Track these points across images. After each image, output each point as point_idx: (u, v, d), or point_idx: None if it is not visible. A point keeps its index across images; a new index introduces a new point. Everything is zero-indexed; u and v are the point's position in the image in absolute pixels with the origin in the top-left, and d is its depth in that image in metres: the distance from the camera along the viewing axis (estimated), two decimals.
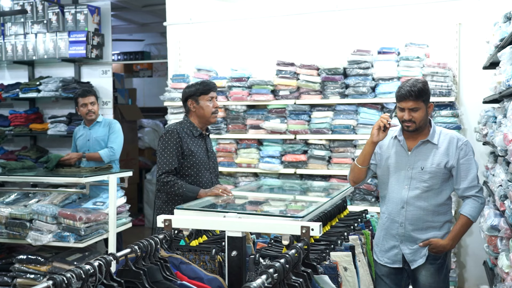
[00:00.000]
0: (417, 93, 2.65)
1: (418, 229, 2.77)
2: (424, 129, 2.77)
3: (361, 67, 4.69)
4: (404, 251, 2.80)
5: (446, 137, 2.77)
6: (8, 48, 6.25)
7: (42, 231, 3.78)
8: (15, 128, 6.31)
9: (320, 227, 1.77)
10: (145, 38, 10.19)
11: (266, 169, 4.96)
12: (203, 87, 3.34)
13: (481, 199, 2.78)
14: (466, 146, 2.76)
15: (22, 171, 4.26)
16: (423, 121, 2.72)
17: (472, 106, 4.69)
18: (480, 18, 4.58)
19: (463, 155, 2.74)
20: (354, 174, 2.90)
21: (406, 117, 2.70)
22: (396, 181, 2.81)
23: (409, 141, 2.80)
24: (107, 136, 4.64)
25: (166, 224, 1.94)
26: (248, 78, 5.09)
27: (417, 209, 2.76)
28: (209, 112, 3.34)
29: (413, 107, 2.68)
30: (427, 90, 2.72)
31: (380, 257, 2.89)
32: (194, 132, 3.33)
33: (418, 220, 2.76)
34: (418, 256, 2.78)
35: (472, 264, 4.73)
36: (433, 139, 2.75)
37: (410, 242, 2.79)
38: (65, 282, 1.38)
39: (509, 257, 2.76)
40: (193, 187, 3.20)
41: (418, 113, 2.69)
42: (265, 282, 1.44)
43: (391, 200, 2.83)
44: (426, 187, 2.74)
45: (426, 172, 2.73)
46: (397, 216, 2.80)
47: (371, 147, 2.79)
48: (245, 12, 5.41)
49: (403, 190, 2.78)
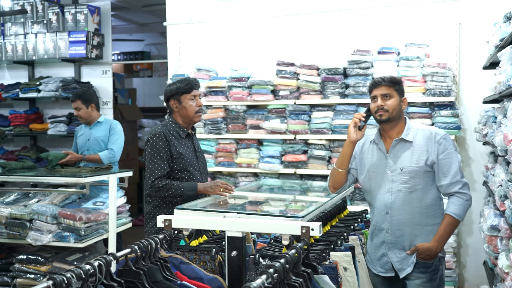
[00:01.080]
0: (389, 80, 2.63)
1: (405, 234, 2.64)
2: (397, 124, 2.68)
3: (361, 67, 4.69)
4: (392, 259, 2.68)
5: (424, 133, 2.66)
6: (8, 48, 6.25)
7: (42, 231, 3.78)
8: (15, 128, 6.31)
9: (320, 227, 1.77)
10: (145, 38, 10.19)
11: (266, 169, 4.96)
12: (185, 86, 3.19)
13: (465, 195, 2.62)
14: (445, 140, 2.64)
15: (22, 171, 4.26)
16: (395, 111, 2.63)
17: (472, 106, 4.69)
18: (480, 18, 4.58)
19: (442, 149, 2.62)
20: (334, 179, 2.81)
21: (379, 103, 2.62)
22: (378, 187, 2.71)
23: (386, 143, 2.71)
24: (107, 136, 4.64)
25: (166, 224, 1.94)
26: (248, 78, 5.09)
27: (402, 214, 2.63)
28: (192, 112, 3.20)
29: (385, 93, 2.62)
30: (400, 83, 2.69)
31: (373, 266, 2.77)
32: (180, 133, 3.20)
33: (404, 225, 2.63)
34: (406, 264, 2.64)
35: (472, 264, 4.73)
36: (407, 136, 2.65)
37: (398, 249, 2.66)
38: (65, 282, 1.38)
39: (509, 257, 2.76)
40: (190, 184, 3.09)
41: (391, 101, 2.62)
42: (265, 282, 1.44)
43: (376, 207, 2.73)
44: (408, 189, 2.62)
45: (406, 173, 2.62)
46: (382, 223, 2.69)
47: (349, 147, 2.71)
48: (245, 12, 5.41)
49: (386, 195, 2.66)
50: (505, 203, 2.95)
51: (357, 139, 2.69)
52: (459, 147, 4.58)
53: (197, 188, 3.07)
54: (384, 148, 2.71)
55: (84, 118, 4.65)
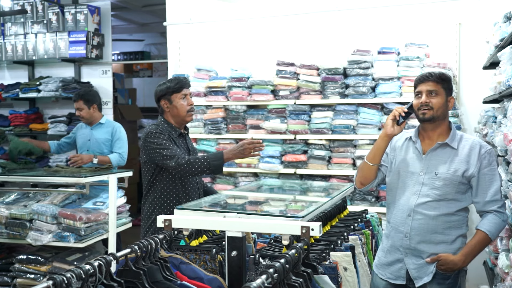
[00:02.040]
0: (438, 76, 2.46)
1: (425, 241, 2.47)
2: (440, 125, 2.50)
3: (361, 67, 4.69)
4: (409, 266, 2.50)
5: (468, 143, 2.48)
6: (8, 48, 6.25)
7: (42, 231, 3.78)
8: (15, 128, 6.31)
9: (320, 227, 1.77)
10: (145, 38, 10.20)
11: (266, 169, 4.96)
12: (174, 85, 3.16)
13: (504, 215, 2.47)
14: (489, 155, 2.46)
15: (22, 171, 4.26)
16: (441, 111, 2.45)
17: (472, 106, 4.69)
18: (480, 18, 4.58)
19: (486, 164, 2.44)
20: (363, 174, 2.62)
21: (424, 99, 2.44)
22: (405, 187, 2.54)
23: (425, 144, 2.54)
24: (109, 139, 4.64)
25: (166, 224, 1.94)
26: (248, 78, 5.09)
27: (424, 219, 2.46)
28: (183, 111, 3.17)
29: (432, 89, 2.44)
30: (450, 80, 2.51)
31: (381, 271, 2.61)
32: (173, 133, 3.18)
33: (426, 231, 2.47)
34: (424, 273, 2.47)
35: (472, 264, 4.68)
36: (453, 142, 2.47)
37: (416, 256, 2.49)
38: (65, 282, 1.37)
39: (509, 257, 2.76)
40: (215, 153, 3.03)
41: (437, 98, 2.44)
42: (265, 282, 1.44)
43: (398, 207, 2.55)
44: (437, 195, 2.45)
45: (440, 179, 2.45)
46: (402, 226, 2.52)
47: (384, 141, 2.51)
48: (245, 12, 5.41)
49: (412, 197, 2.50)
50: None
51: (394, 134, 2.50)
52: None
53: (223, 156, 3.01)
54: (421, 148, 2.54)
55: (86, 118, 4.64)
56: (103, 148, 4.61)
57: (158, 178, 3.16)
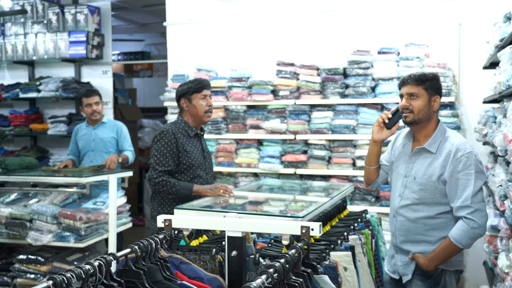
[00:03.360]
0: (417, 77, 2.43)
1: (409, 241, 2.56)
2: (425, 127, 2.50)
3: (361, 67, 4.69)
4: (397, 263, 2.65)
5: (447, 146, 2.45)
6: (8, 48, 6.25)
7: (42, 231, 3.78)
8: (15, 128, 6.31)
9: (320, 227, 1.77)
10: (145, 38, 10.19)
11: (266, 169, 4.96)
12: (196, 85, 3.27)
13: (473, 222, 2.37)
14: (467, 159, 2.39)
15: (22, 171, 4.26)
16: (422, 113, 2.45)
17: (472, 106, 4.69)
18: (480, 18, 4.58)
19: (461, 168, 2.39)
20: (365, 176, 2.82)
21: (403, 103, 2.46)
22: (395, 188, 2.64)
23: (414, 145, 2.58)
24: (114, 138, 4.65)
25: (166, 224, 1.94)
26: (248, 78, 5.09)
27: (406, 220, 2.54)
28: (202, 111, 3.27)
29: (411, 92, 2.44)
30: (433, 79, 2.46)
31: (386, 264, 2.79)
32: (189, 132, 3.27)
33: (408, 232, 2.55)
34: (409, 270, 2.58)
35: (472, 264, 4.73)
36: (431, 147, 2.48)
37: (403, 254, 2.62)
38: (65, 282, 1.37)
39: (509, 257, 2.76)
40: (186, 183, 3.13)
41: (417, 101, 2.43)
42: (265, 282, 1.44)
43: (390, 206, 2.71)
44: (415, 199, 2.50)
45: (417, 183, 2.49)
46: (390, 225, 2.68)
47: (373, 146, 2.66)
48: (245, 12, 5.41)
49: (396, 198, 2.60)
50: (505, 203, 2.95)
51: (381, 139, 2.59)
52: None
53: (192, 188, 3.11)
54: (409, 151, 2.58)
55: (100, 114, 4.67)
56: (108, 147, 4.62)
57: None
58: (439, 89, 2.50)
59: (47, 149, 6.46)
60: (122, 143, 4.65)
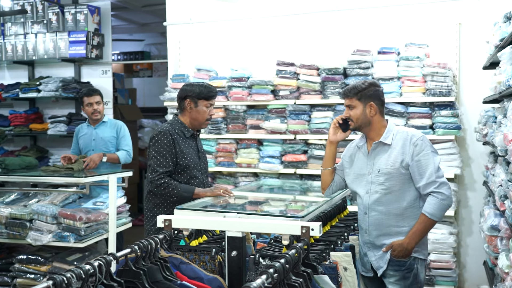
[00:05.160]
0: (350, 90, 2.70)
1: (382, 234, 2.69)
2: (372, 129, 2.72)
3: (361, 67, 4.69)
4: (371, 258, 2.74)
5: (401, 135, 2.69)
6: (8, 48, 6.25)
7: (42, 231, 3.78)
8: (15, 128, 6.31)
9: (320, 227, 1.77)
10: (145, 38, 10.19)
11: (266, 169, 4.96)
12: (207, 92, 3.23)
13: (442, 194, 2.60)
14: (422, 142, 2.64)
15: (22, 171, 4.26)
16: (360, 120, 2.70)
17: (472, 106, 4.69)
18: (480, 18, 4.58)
19: (418, 151, 2.63)
20: (321, 179, 2.93)
21: (344, 114, 2.76)
22: (360, 188, 2.77)
23: (369, 145, 2.78)
24: (114, 137, 4.64)
25: (166, 224, 1.94)
26: (248, 78, 5.09)
27: (378, 214, 2.68)
28: (203, 118, 3.25)
29: (348, 104, 2.72)
30: (365, 89, 2.68)
31: (359, 265, 2.80)
32: (186, 133, 3.24)
33: (381, 225, 2.68)
34: (383, 262, 2.69)
35: (472, 264, 4.73)
36: (386, 139, 2.69)
37: (376, 248, 2.72)
38: (65, 282, 1.38)
39: (509, 257, 2.76)
40: (188, 186, 3.12)
41: (354, 111, 2.70)
42: (265, 282, 1.44)
43: (358, 207, 2.81)
44: (384, 190, 2.66)
45: (382, 174, 2.66)
46: (362, 223, 2.77)
47: (329, 147, 2.85)
48: (245, 12, 5.41)
49: (365, 196, 2.73)
50: (505, 203, 2.95)
51: (336, 140, 2.83)
52: (459, 147, 4.57)
53: (194, 191, 3.09)
54: (366, 151, 2.78)
55: (101, 113, 4.65)
56: (109, 146, 4.61)
57: None
58: (373, 95, 2.71)
59: (47, 149, 6.46)
60: (120, 141, 4.64)
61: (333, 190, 2.93)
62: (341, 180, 2.91)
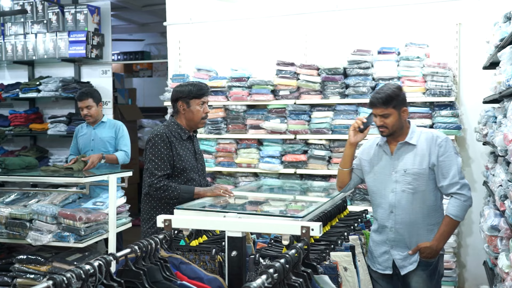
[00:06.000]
0: (384, 100, 2.68)
1: (408, 232, 2.76)
2: (402, 132, 2.77)
3: (361, 67, 4.68)
4: (395, 257, 2.78)
5: (426, 136, 2.77)
6: (8, 48, 6.25)
7: (42, 231, 3.78)
8: (15, 128, 6.31)
9: (320, 227, 1.77)
10: (145, 38, 10.19)
11: (266, 169, 4.96)
12: (197, 91, 3.16)
13: (464, 196, 2.72)
14: (446, 143, 2.74)
15: (22, 171, 4.26)
16: (396, 126, 2.73)
17: (472, 106, 4.69)
18: (480, 18, 4.58)
19: (442, 152, 2.72)
20: (339, 178, 2.97)
21: (378, 123, 2.75)
22: (382, 187, 2.81)
23: (391, 145, 2.82)
24: (113, 138, 4.63)
25: (166, 224, 1.94)
26: (248, 78, 5.09)
27: (405, 213, 2.75)
28: (198, 117, 3.19)
29: (383, 113, 2.71)
30: (398, 96, 2.70)
31: (373, 263, 2.87)
32: (182, 135, 3.18)
33: (407, 224, 2.75)
34: (408, 262, 2.76)
35: (472, 264, 4.73)
36: (411, 140, 2.76)
37: (401, 247, 2.78)
38: (65, 282, 1.37)
39: (509, 257, 2.76)
40: (187, 187, 3.09)
41: (389, 119, 2.71)
42: (265, 282, 1.44)
43: (380, 205, 2.83)
44: (411, 189, 2.73)
45: (409, 174, 2.73)
46: (386, 221, 2.79)
47: (349, 149, 2.87)
48: (245, 12, 5.41)
49: (390, 195, 2.77)
50: (505, 203, 2.95)
51: (357, 141, 2.84)
52: (459, 147, 4.57)
53: (193, 191, 3.06)
54: (388, 150, 2.82)
55: (94, 117, 4.62)
56: (108, 146, 4.61)
57: None
58: (404, 100, 2.76)
59: (47, 149, 6.46)
60: (118, 142, 4.63)
61: (350, 188, 3.01)
62: (358, 178, 2.96)
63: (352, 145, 2.85)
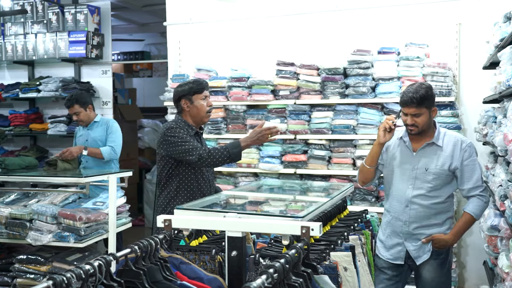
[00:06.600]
0: (419, 100, 2.72)
1: (422, 226, 2.87)
2: (428, 131, 2.84)
3: (361, 67, 4.68)
4: (409, 248, 2.90)
5: (451, 139, 2.87)
6: (8, 48, 6.26)
7: (42, 231, 3.78)
8: (15, 128, 6.31)
9: (320, 227, 1.76)
10: (145, 38, 10.19)
11: (266, 169, 4.96)
12: (197, 86, 3.29)
13: (485, 197, 2.87)
14: (470, 148, 2.86)
15: (22, 171, 4.26)
16: (426, 125, 2.80)
17: (472, 106, 4.69)
18: (480, 18, 4.58)
19: (467, 156, 2.84)
20: (363, 175, 3.03)
21: (409, 122, 2.79)
22: (400, 181, 2.91)
23: (414, 142, 2.89)
24: (104, 136, 4.64)
25: (166, 224, 1.94)
26: (248, 78, 5.09)
27: (420, 208, 2.86)
28: (204, 111, 3.31)
29: (415, 113, 2.76)
30: (430, 96, 2.77)
31: (383, 253, 2.98)
32: (190, 131, 3.27)
33: (422, 218, 2.86)
34: (423, 252, 2.88)
35: (472, 264, 4.73)
36: (438, 141, 2.85)
37: (414, 239, 2.89)
38: (65, 282, 1.37)
39: (509, 257, 2.76)
40: (232, 142, 3.19)
41: (421, 118, 2.77)
42: (265, 282, 1.43)
43: (396, 198, 2.93)
44: (430, 187, 2.84)
45: (430, 173, 2.83)
46: (401, 215, 2.90)
47: (378, 148, 2.91)
48: (245, 12, 5.41)
49: (407, 190, 2.87)
50: (505, 203, 2.95)
51: (386, 141, 2.88)
52: None
53: (240, 144, 3.16)
54: (411, 147, 2.90)
55: (84, 121, 4.64)
56: (100, 145, 4.62)
57: (175, 173, 3.24)
58: (434, 100, 2.84)
59: (47, 149, 6.46)
60: (107, 137, 4.64)
61: (373, 182, 3.16)
62: (380, 172, 3.07)
63: (382, 145, 2.90)
